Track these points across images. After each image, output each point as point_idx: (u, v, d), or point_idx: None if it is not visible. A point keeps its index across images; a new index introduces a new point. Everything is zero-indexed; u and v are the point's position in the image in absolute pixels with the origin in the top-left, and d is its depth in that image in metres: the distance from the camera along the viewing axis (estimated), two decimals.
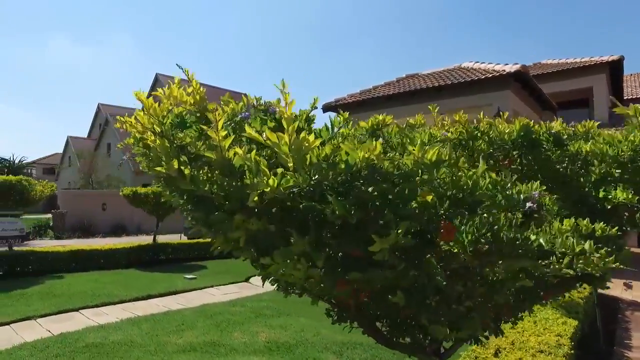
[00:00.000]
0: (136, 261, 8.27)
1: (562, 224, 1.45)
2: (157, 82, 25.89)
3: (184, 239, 11.77)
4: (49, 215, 17.54)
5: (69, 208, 16.33)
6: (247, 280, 7.13)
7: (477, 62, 11.28)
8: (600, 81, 13.85)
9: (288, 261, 1.24)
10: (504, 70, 9.22)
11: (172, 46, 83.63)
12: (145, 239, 14.31)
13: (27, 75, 72.62)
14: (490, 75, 9.27)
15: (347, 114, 1.78)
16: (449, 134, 2.47)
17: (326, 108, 12.61)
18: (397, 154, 1.49)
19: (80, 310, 4.90)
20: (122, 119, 1.42)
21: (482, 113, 2.80)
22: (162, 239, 9.56)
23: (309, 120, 1.55)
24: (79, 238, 15.13)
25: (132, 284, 6.26)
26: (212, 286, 6.40)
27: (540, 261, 1.32)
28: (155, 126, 1.35)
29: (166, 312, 4.80)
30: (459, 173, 1.27)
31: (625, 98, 16.32)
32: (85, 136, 32.15)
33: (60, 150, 33.54)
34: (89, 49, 74.87)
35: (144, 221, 17.82)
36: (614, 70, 13.96)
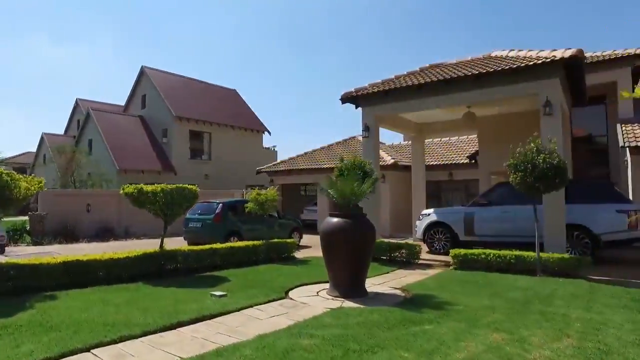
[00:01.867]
0: (141, 273, 6.96)
1: None
2: (143, 75, 24.22)
3: (184, 244, 10.47)
4: (25, 218, 15.78)
5: (49, 209, 14.65)
6: (286, 294, 5.96)
7: (512, 49, 10.39)
8: (625, 75, 13.22)
9: None
10: (555, 56, 8.32)
11: (156, 39, 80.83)
12: (139, 244, 12.94)
13: None
14: (540, 62, 8.34)
15: None
16: None
17: (345, 99, 11.49)
18: None
19: (93, 351, 3.62)
20: None
21: None
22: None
23: None
24: (61, 244, 13.53)
25: (150, 306, 4.98)
26: (250, 306, 5.18)
27: None
28: None
29: (216, 350, 3.57)
30: None
31: None
32: (62, 133, 30.00)
33: (32, 149, 31.38)
34: (65, 47, 71.31)
35: (133, 223, 16.31)
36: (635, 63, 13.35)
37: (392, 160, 17.10)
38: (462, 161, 17.26)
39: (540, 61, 8.35)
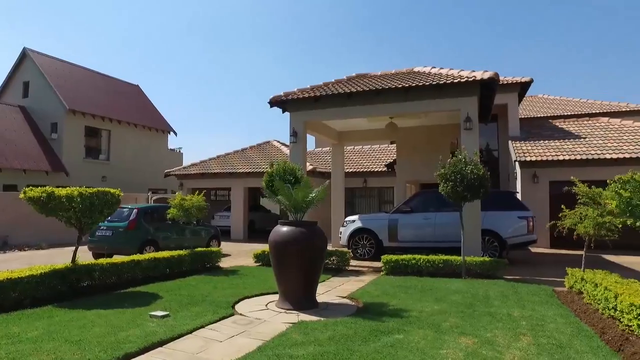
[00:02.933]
0: (48, 294, 5.80)
1: None
2: (26, 58, 20.76)
3: (75, 254, 9.10)
4: None
5: None
6: (233, 309, 5.48)
7: (434, 67, 11.20)
8: (513, 99, 15.24)
9: None
10: (475, 77, 9.17)
11: (44, 22, 69.83)
12: (23, 257, 10.83)
13: None
14: (464, 81, 9.12)
15: None
16: None
17: (274, 102, 11.20)
18: None
19: None
20: None
21: None
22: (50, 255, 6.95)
23: None
24: None
25: (81, 337, 4.09)
26: (201, 326, 4.61)
27: None
28: None
29: None
30: None
31: (531, 117, 18.40)
32: None
33: None
34: None
35: (13, 231, 13.79)
36: (523, 90, 15.52)
37: (311, 167, 17.18)
38: (377, 169, 18.11)
39: (463, 80, 9.13)
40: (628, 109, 18.54)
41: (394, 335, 4.31)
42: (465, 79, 9.18)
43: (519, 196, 12.72)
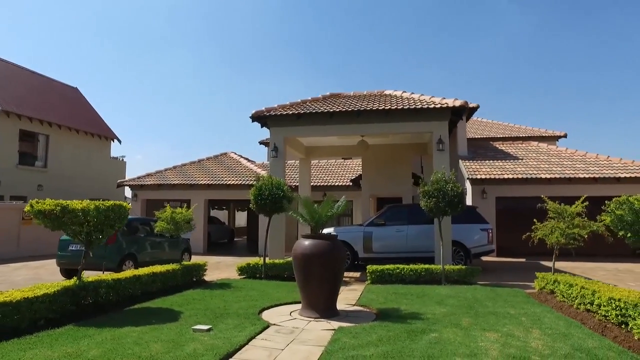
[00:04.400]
0: (58, 313, 5.53)
1: None
2: None
3: (38, 269, 8.54)
4: None
5: None
6: (260, 314, 5.70)
7: (405, 91, 12.24)
8: (462, 122, 16.94)
9: None
10: (447, 104, 10.30)
11: None
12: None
13: None
14: (439, 106, 10.20)
15: None
16: None
17: (255, 117, 11.46)
18: None
19: None
20: None
21: None
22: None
23: None
24: None
25: (151, 354, 4.07)
26: (252, 337, 4.82)
27: None
28: None
29: None
30: None
31: (474, 137, 20.38)
32: None
33: None
34: None
35: None
36: (470, 114, 17.33)
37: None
38: (337, 183, 18.87)
39: (439, 105, 10.22)
40: (547, 135, 21.44)
41: (430, 334, 4.91)
42: (440, 105, 10.28)
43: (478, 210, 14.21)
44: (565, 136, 21.19)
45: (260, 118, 11.49)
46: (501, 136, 20.95)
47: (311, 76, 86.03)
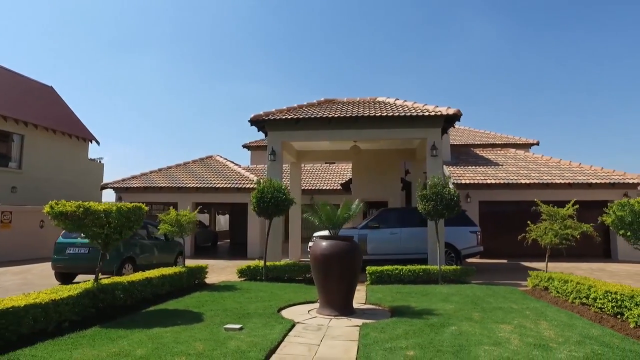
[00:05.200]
0: (79, 316, 5.52)
1: None
2: None
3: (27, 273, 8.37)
4: None
5: None
6: (279, 312, 5.88)
7: (397, 98, 12.68)
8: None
9: None
10: (441, 112, 10.81)
11: None
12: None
13: None
14: (433, 114, 10.69)
15: None
16: None
17: (254, 121, 11.59)
18: None
19: None
20: None
21: None
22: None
23: None
24: None
25: (197, 352, 4.22)
26: (286, 334, 5.01)
27: None
28: None
29: None
30: None
31: (455, 144, 21.17)
32: None
33: None
34: None
35: None
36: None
37: None
38: (324, 187, 19.16)
39: (433, 113, 10.71)
40: (521, 142, 22.58)
41: (450, 327, 5.25)
42: (434, 112, 10.78)
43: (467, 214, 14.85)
44: (537, 144, 22.42)
45: (259, 122, 11.63)
46: (479, 143, 21.89)
47: (284, 82, 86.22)
